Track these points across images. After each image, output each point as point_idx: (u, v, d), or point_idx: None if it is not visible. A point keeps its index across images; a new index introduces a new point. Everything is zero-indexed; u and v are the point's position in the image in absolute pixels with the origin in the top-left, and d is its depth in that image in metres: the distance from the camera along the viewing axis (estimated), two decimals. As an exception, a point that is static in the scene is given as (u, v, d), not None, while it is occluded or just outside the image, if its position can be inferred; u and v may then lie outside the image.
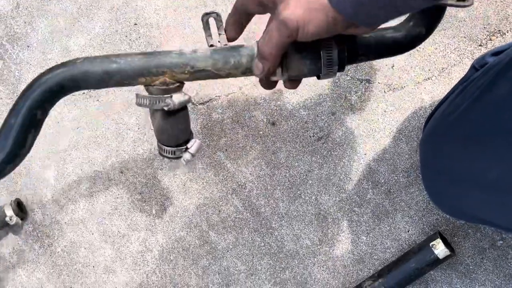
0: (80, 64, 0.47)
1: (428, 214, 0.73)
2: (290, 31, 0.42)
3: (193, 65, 0.48)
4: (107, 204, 0.87)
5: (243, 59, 0.48)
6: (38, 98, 0.46)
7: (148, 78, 0.48)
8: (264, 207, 0.79)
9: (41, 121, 0.48)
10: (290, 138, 0.79)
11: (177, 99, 0.48)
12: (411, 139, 0.74)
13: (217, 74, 0.49)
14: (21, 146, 0.48)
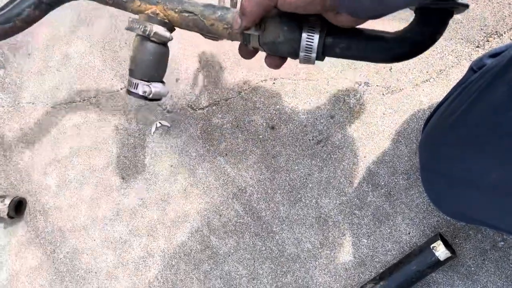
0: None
1: (429, 216, 0.73)
2: None
3: (185, 6, 0.52)
4: (109, 210, 0.87)
5: (228, 14, 0.50)
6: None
7: (143, 4, 0.53)
8: (264, 211, 0.80)
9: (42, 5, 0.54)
10: (289, 142, 0.79)
11: (156, 29, 0.52)
12: (410, 141, 0.74)
13: (202, 22, 0.51)
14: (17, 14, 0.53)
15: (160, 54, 0.54)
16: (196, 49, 0.84)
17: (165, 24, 0.53)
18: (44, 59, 0.92)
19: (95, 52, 0.89)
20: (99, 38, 0.89)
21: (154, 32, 0.51)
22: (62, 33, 0.91)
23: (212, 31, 0.51)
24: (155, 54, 0.53)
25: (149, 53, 0.53)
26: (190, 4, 0.52)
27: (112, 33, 0.88)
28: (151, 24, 0.51)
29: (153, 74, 0.54)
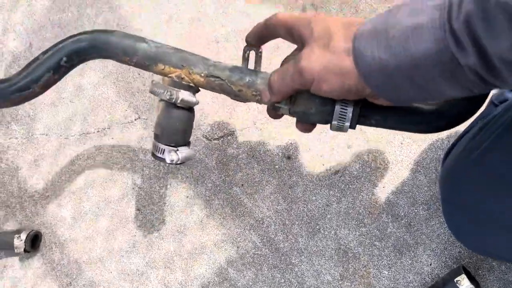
0: (117, 34, 0.52)
1: (450, 247, 0.72)
2: (304, 81, 0.42)
3: (211, 70, 0.51)
4: (125, 242, 0.87)
5: (257, 80, 0.49)
6: (70, 47, 0.51)
7: (167, 67, 0.51)
8: (283, 242, 0.79)
9: (62, 68, 0.52)
10: (306, 172, 0.79)
11: (183, 95, 0.50)
12: (429, 171, 0.74)
13: (229, 87, 0.50)
14: (35, 80, 0.51)
15: (187, 119, 0.53)
16: (210, 79, 0.83)
17: (191, 88, 0.52)
18: (57, 90, 0.92)
19: (108, 83, 0.89)
20: (112, 69, 0.89)
21: (181, 99, 0.50)
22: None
23: (240, 96, 0.50)
24: (181, 120, 0.52)
25: (175, 120, 0.52)
26: (216, 67, 0.51)
27: (125, 65, 0.88)
28: (177, 90, 0.50)
29: (180, 139, 0.53)
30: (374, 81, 0.38)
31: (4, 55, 0.96)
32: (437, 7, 0.32)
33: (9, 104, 0.53)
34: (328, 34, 0.40)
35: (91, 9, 0.91)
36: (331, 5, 0.78)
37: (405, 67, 0.35)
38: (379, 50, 0.36)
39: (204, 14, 0.84)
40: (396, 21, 0.35)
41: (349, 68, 0.39)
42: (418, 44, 0.33)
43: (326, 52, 0.39)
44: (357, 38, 0.38)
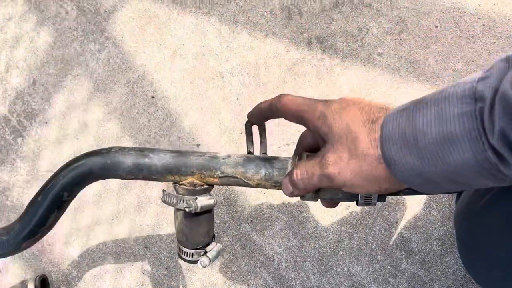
0: (113, 154, 0.47)
1: (467, 284, 0.71)
2: (334, 186, 0.40)
3: (224, 170, 0.47)
4: (133, 280, 0.86)
5: (274, 172, 0.46)
6: (68, 180, 0.47)
7: (177, 177, 0.48)
8: (294, 280, 0.77)
9: (66, 203, 0.49)
10: (316, 207, 0.77)
11: (201, 202, 0.47)
12: (442, 206, 0.72)
13: (246, 183, 0.48)
14: (42, 224, 0.48)
15: (209, 219, 0.51)
16: (216, 115, 0.82)
17: (206, 190, 0.49)
18: (61, 127, 0.91)
19: (113, 118, 0.88)
20: (116, 105, 0.88)
21: (200, 207, 0.47)
22: (79, 100, 0.90)
23: (259, 187, 0.48)
24: (204, 223, 0.50)
25: (197, 225, 0.49)
26: (228, 165, 0.47)
27: (130, 100, 0.87)
28: (193, 200, 0.47)
29: (206, 239, 0.51)
30: (413, 183, 0.37)
31: (7, 92, 0.95)
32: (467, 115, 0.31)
33: (19, 252, 0.50)
34: (351, 135, 0.38)
35: (94, 44, 0.90)
36: (337, 39, 0.77)
37: (444, 173, 0.33)
38: (412, 158, 0.34)
39: (208, 48, 0.83)
40: (425, 128, 0.33)
41: (384, 175, 0.37)
42: (455, 155, 0.32)
43: (355, 159, 0.37)
44: (385, 144, 0.36)
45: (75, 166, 0.47)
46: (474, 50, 0.71)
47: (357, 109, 0.39)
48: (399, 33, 0.74)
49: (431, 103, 0.34)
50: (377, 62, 0.75)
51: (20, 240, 0.47)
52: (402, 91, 0.73)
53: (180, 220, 0.49)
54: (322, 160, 0.40)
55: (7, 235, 0.47)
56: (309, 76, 0.78)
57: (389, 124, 0.36)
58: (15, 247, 0.48)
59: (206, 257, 0.50)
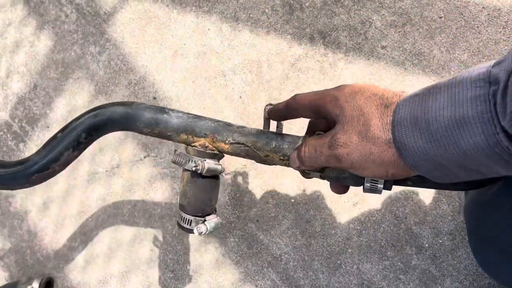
0: (136, 106, 0.49)
1: (479, 278, 0.69)
2: (341, 166, 0.40)
3: (235, 137, 0.48)
4: (139, 284, 0.84)
5: (284, 145, 0.47)
6: (89, 123, 0.48)
7: (190, 137, 0.49)
8: (303, 279, 0.76)
9: (82, 145, 0.49)
10: (323, 204, 0.76)
11: (209, 164, 0.48)
12: (452, 200, 0.71)
13: (255, 152, 0.48)
14: (55, 160, 0.48)
15: (213, 187, 0.51)
16: (219, 114, 0.81)
17: (215, 155, 0.49)
18: (63, 130, 0.90)
19: (115, 121, 0.87)
20: (118, 107, 0.87)
21: (207, 169, 0.47)
22: (81, 103, 0.90)
23: (267, 161, 0.48)
24: (208, 189, 0.50)
25: (202, 190, 0.49)
26: (241, 133, 0.48)
27: (131, 100, 0.86)
28: (202, 160, 0.47)
29: (207, 209, 0.51)
30: (422, 169, 0.36)
31: (9, 97, 0.94)
32: (480, 98, 0.30)
33: (29, 185, 0.50)
34: (363, 117, 0.37)
35: (94, 47, 0.89)
36: (340, 33, 0.76)
37: (455, 157, 0.33)
38: (423, 142, 0.33)
39: (210, 47, 0.82)
40: (437, 112, 0.33)
41: (393, 159, 0.36)
42: (466, 138, 0.31)
43: (365, 141, 0.37)
44: (397, 128, 0.36)
45: (99, 111, 0.48)
46: (480, 40, 0.70)
47: (371, 93, 0.39)
48: (403, 25, 0.73)
49: (444, 88, 0.34)
50: (381, 55, 0.74)
51: (32, 172, 0.47)
52: (408, 83, 0.72)
53: (186, 182, 0.49)
54: (332, 139, 0.39)
55: (20, 165, 0.48)
56: (312, 72, 0.77)
57: (401, 108, 0.36)
58: (26, 178, 0.48)
59: (204, 225, 0.49)
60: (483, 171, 0.34)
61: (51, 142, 0.48)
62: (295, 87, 0.77)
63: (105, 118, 0.48)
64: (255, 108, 0.80)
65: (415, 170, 0.37)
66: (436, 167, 0.35)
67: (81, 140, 0.48)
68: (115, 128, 0.50)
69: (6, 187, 0.49)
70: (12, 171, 0.48)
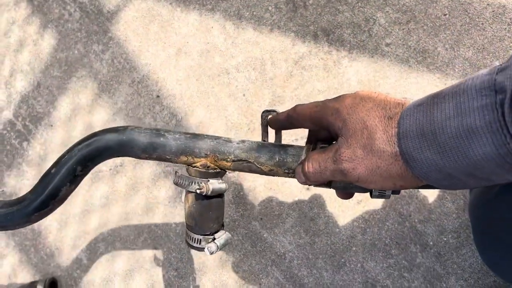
0: (129, 132, 0.47)
1: (484, 277, 0.69)
2: (346, 179, 0.39)
3: (237, 154, 0.47)
4: (143, 283, 0.84)
5: (288, 158, 0.46)
6: (83, 154, 0.46)
7: (190, 158, 0.48)
8: (307, 277, 0.76)
9: (79, 177, 0.48)
10: (327, 202, 0.76)
11: (213, 185, 0.46)
12: (457, 197, 0.70)
13: (259, 168, 0.47)
14: (53, 197, 0.47)
15: (219, 204, 0.50)
16: (223, 112, 0.81)
17: (218, 174, 0.48)
18: (66, 129, 0.90)
19: (118, 119, 0.87)
20: (121, 105, 0.87)
21: (211, 190, 0.46)
22: (84, 102, 0.90)
23: (271, 175, 0.47)
24: (214, 208, 0.49)
25: (208, 209, 0.48)
26: (242, 149, 0.47)
27: (135, 100, 0.86)
28: (205, 182, 0.46)
29: (215, 226, 0.50)
30: (431, 179, 0.35)
31: (12, 96, 0.95)
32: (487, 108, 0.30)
33: (29, 224, 0.49)
34: (367, 131, 0.36)
35: (98, 45, 0.89)
36: (344, 30, 0.75)
37: (464, 168, 0.32)
38: (431, 153, 0.33)
39: (213, 45, 0.82)
40: (443, 122, 0.32)
41: (400, 172, 0.36)
42: (476, 149, 0.31)
43: (370, 155, 0.36)
44: (403, 140, 0.35)
45: (92, 141, 0.46)
46: (485, 37, 0.70)
47: (373, 104, 0.38)
48: (407, 22, 0.73)
49: (448, 97, 0.33)
50: (385, 52, 0.74)
51: (31, 211, 0.46)
52: (412, 81, 0.72)
53: (191, 203, 0.48)
54: (336, 154, 0.39)
55: (18, 205, 0.46)
56: (316, 70, 0.76)
57: (406, 119, 0.35)
58: (26, 218, 0.47)
59: (214, 243, 0.48)
60: (493, 179, 0.33)
61: (46, 178, 0.47)
62: (299, 84, 0.77)
63: (100, 148, 0.47)
64: (259, 106, 0.79)
65: (423, 180, 0.36)
66: (445, 177, 0.35)
67: (78, 173, 0.47)
68: (111, 156, 0.48)
69: (5, 228, 0.48)
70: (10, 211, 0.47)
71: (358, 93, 0.40)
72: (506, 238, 0.55)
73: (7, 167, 0.94)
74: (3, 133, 0.95)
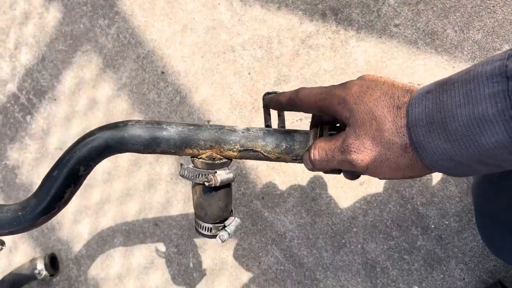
0: (130, 127, 0.45)
1: (485, 261, 0.69)
2: (354, 170, 0.39)
3: (243, 143, 0.46)
4: (143, 258, 0.85)
5: (296, 145, 0.45)
6: (84, 154, 0.45)
7: (195, 150, 0.46)
8: (307, 257, 0.76)
9: (82, 178, 0.47)
10: (330, 183, 0.76)
11: (220, 176, 0.46)
12: (460, 181, 0.70)
13: (266, 156, 0.46)
14: (58, 199, 0.46)
15: (228, 193, 0.49)
16: (227, 90, 0.81)
17: (224, 164, 0.47)
18: (70, 103, 0.90)
19: (122, 95, 0.87)
20: (126, 80, 0.87)
21: (219, 181, 0.45)
22: (88, 76, 0.89)
23: (279, 161, 0.47)
24: (223, 197, 0.48)
25: (217, 199, 0.48)
26: (248, 138, 0.46)
27: (139, 75, 0.86)
28: (212, 173, 0.45)
29: (224, 214, 0.49)
30: (441, 168, 0.35)
31: (16, 69, 0.94)
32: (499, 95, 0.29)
33: (34, 228, 0.48)
34: (375, 122, 0.36)
35: (103, 19, 0.89)
36: (352, 10, 0.75)
37: (476, 156, 0.32)
38: (442, 142, 0.32)
39: (219, 22, 0.82)
40: (453, 110, 0.32)
41: (409, 163, 0.35)
42: (488, 137, 0.30)
43: (379, 147, 0.36)
44: (412, 129, 0.34)
45: (91, 139, 0.45)
46: (495, 20, 0.69)
47: (380, 92, 0.37)
48: (417, 3, 0.72)
49: (458, 84, 0.32)
50: (393, 33, 0.73)
51: (36, 215, 0.46)
52: (420, 63, 0.71)
53: (199, 195, 0.48)
54: (344, 145, 0.38)
55: (22, 210, 0.46)
56: (323, 49, 0.76)
57: (415, 108, 0.34)
58: (31, 222, 0.46)
59: (225, 231, 0.48)
60: (504, 165, 0.33)
61: (49, 181, 0.45)
62: (305, 64, 0.76)
63: (100, 147, 0.45)
64: (264, 85, 0.79)
65: (433, 169, 0.36)
66: (456, 166, 0.34)
67: (81, 174, 0.46)
68: (112, 153, 0.47)
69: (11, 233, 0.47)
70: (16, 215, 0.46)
71: (364, 78, 0.39)
72: (507, 219, 0.55)
73: (10, 140, 0.94)
74: (6, 106, 0.95)
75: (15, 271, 0.86)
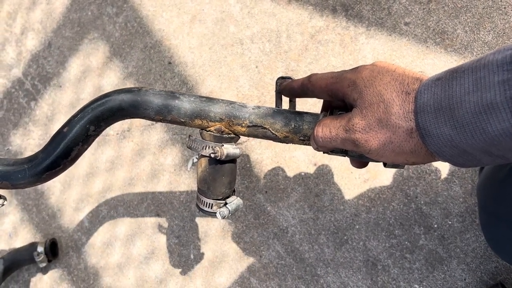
0: (144, 92, 0.46)
1: (486, 262, 0.69)
2: (357, 150, 0.39)
3: (252, 119, 0.46)
4: (144, 248, 0.85)
5: (304, 125, 0.45)
6: (96, 114, 0.45)
7: (205, 122, 0.47)
8: (308, 252, 0.76)
9: (91, 138, 0.47)
10: (334, 179, 0.75)
11: (227, 150, 0.46)
12: (465, 182, 0.70)
13: (274, 134, 0.46)
14: (64, 156, 0.46)
15: (232, 170, 0.49)
16: (234, 82, 0.80)
17: (232, 139, 0.48)
18: (75, 91, 0.90)
19: (128, 84, 0.87)
20: (132, 70, 0.86)
21: (226, 155, 0.45)
22: (95, 64, 0.89)
23: (285, 141, 0.47)
24: (227, 173, 0.48)
25: (221, 174, 0.48)
26: (258, 115, 0.46)
27: (146, 65, 0.85)
28: (219, 146, 0.46)
29: (227, 191, 0.49)
30: (446, 156, 0.35)
31: (22, 54, 0.94)
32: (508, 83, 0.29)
33: (39, 183, 0.48)
34: (383, 104, 0.36)
35: (112, 8, 0.88)
36: (363, 6, 0.74)
37: (481, 144, 0.32)
38: (448, 128, 0.32)
39: (229, 14, 0.81)
40: (462, 97, 0.32)
41: (414, 149, 0.35)
42: (494, 124, 0.30)
43: (385, 129, 0.36)
44: (420, 115, 0.34)
45: (105, 100, 0.45)
46: (506, 21, 0.69)
47: (391, 78, 0.37)
48: (428, 2, 0.72)
49: (468, 71, 0.32)
50: (403, 31, 0.72)
51: (41, 170, 0.45)
52: (429, 62, 0.71)
53: (204, 168, 0.48)
54: (349, 124, 0.38)
55: (29, 163, 0.45)
56: (332, 45, 0.75)
57: (424, 94, 0.34)
58: (36, 177, 0.46)
59: (226, 208, 0.48)
60: (509, 156, 0.33)
61: (58, 137, 0.45)
62: (314, 59, 0.76)
63: (113, 108, 0.45)
64: (271, 79, 0.79)
65: (437, 157, 0.36)
66: (460, 154, 0.34)
67: (90, 133, 0.46)
68: (124, 116, 0.47)
69: (15, 186, 0.47)
70: (21, 169, 0.46)
71: (376, 64, 0.40)
72: (510, 217, 0.55)
73: (13, 126, 0.94)
74: (11, 91, 0.94)
75: (14, 252, 0.86)
